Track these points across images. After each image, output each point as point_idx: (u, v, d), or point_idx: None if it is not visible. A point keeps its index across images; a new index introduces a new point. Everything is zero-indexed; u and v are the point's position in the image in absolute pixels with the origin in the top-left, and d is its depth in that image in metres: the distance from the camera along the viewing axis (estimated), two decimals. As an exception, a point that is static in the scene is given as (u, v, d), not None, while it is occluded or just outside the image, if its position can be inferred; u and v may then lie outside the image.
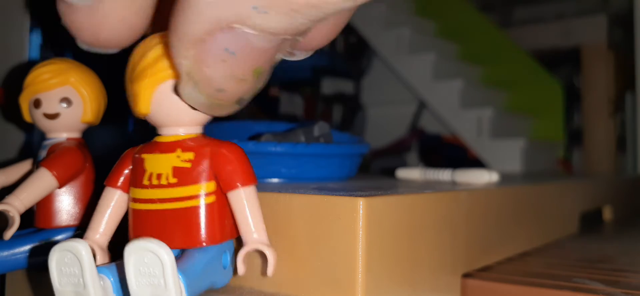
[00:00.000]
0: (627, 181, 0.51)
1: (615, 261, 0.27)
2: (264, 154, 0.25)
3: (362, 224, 0.17)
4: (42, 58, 0.32)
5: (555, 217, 0.32)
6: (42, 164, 0.22)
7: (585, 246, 0.31)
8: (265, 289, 0.19)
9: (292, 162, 0.26)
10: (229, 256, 0.18)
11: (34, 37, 0.32)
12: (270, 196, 0.19)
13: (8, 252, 0.22)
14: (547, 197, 0.31)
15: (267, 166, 0.26)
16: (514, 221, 0.27)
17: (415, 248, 0.19)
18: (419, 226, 0.20)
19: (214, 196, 0.17)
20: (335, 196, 0.18)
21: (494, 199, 0.25)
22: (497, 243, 0.25)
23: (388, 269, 0.18)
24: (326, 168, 0.27)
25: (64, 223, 0.23)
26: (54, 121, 0.23)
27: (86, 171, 0.23)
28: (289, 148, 0.25)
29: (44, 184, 0.22)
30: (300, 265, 0.18)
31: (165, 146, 0.17)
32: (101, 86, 0.24)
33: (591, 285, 0.21)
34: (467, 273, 0.23)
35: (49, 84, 0.22)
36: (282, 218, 0.19)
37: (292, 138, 0.27)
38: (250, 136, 0.31)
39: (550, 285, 0.21)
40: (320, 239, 0.18)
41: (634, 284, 0.22)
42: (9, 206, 0.20)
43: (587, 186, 0.38)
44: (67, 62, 0.23)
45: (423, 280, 0.20)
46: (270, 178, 0.26)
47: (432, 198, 0.20)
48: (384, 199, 0.18)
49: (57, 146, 0.23)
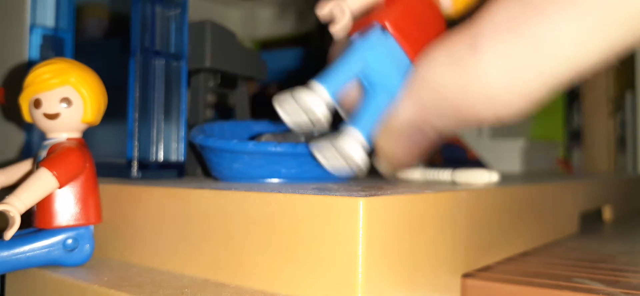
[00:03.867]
0: (627, 181, 0.51)
1: (615, 261, 0.27)
2: (264, 154, 0.25)
3: (362, 225, 0.17)
4: (42, 58, 0.32)
5: (555, 217, 0.32)
6: (43, 165, 0.22)
7: (585, 246, 0.31)
8: (265, 289, 0.19)
9: (292, 162, 0.26)
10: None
11: (34, 37, 0.32)
12: (270, 196, 0.19)
13: (8, 252, 0.22)
14: (547, 197, 0.31)
15: (267, 166, 0.26)
16: (514, 221, 0.27)
17: (415, 248, 0.19)
18: (419, 226, 0.20)
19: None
20: (335, 196, 0.18)
21: (494, 199, 0.25)
22: (497, 243, 0.25)
23: (388, 269, 0.18)
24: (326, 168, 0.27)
25: (64, 223, 0.23)
26: (54, 121, 0.23)
27: (86, 171, 0.23)
28: (289, 148, 0.25)
29: (44, 185, 0.22)
30: (300, 265, 0.18)
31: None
32: (101, 86, 0.24)
33: (591, 284, 0.21)
34: (467, 273, 0.23)
35: (49, 84, 0.22)
36: (282, 218, 0.19)
37: (292, 138, 0.27)
38: (250, 136, 0.31)
39: (550, 285, 0.21)
40: (320, 239, 0.18)
41: (634, 284, 0.22)
42: (9, 206, 0.20)
43: (587, 186, 0.39)
44: (67, 63, 0.23)
45: (423, 279, 0.20)
46: (270, 177, 0.26)
47: (432, 198, 0.20)
48: (383, 200, 0.18)
49: (57, 146, 0.23)
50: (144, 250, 0.24)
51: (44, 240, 0.23)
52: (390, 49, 0.21)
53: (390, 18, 0.21)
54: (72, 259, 0.23)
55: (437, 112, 0.20)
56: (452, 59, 0.19)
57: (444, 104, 0.19)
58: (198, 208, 0.21)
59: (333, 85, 0.20)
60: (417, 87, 0.20)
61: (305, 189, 0.20)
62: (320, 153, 0.21)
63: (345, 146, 0.20)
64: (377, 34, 0.21)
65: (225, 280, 0.21)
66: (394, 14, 0.21)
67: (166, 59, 0.30)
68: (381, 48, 0.21)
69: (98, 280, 0.21)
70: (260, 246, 0.19)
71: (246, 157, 0.26)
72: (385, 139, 0.21)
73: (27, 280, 0.24)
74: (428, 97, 0.20)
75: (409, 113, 0.20)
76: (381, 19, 0.21)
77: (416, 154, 0.22)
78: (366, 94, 0.21)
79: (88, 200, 0.23)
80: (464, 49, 0.18)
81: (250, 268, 0.20)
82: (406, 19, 0.21)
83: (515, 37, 0.17)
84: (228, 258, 0.20)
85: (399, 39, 0.21)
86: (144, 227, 0.24)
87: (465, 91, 0.18)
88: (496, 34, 0.18)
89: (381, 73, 0.21)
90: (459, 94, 0.19)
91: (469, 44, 0.18)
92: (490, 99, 0.18)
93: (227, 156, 0.26)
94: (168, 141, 0.30)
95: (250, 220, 0.20)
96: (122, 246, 0.25)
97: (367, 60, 0.21)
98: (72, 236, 0.23)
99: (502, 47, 0.17)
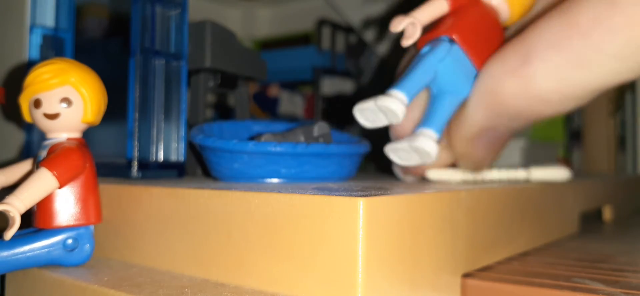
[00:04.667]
0: (627, 181, 0.51)
1: (615, 260, 0.27)
2: (264, 154, 0.25)
3: (362, 225, 0.17)
4: (42, 58, 0.32)
5: (555, 217, 0.32)
6: (43, 164, 0.22)
7: (585, 245, 0.31)
8: (265, 289, 0.19)
9: (292, 162, 0.26)
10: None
11: (34, 37, 0.32)
12: (270, 196, 0.19)
13: (8, 252, 0.22)
14: (547, 197, 0.31)
15: (266, 165, 0.26)
16: (514, 221, 0.27)
17: (415, 248, 0.19)
18: (419, 226, 0.20)
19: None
20: (335, 196, 0.18)
21: (494, 199, 0.25)
22: (497, 242, 0.25)
23: (388, 269, 0.18)
24: (326, 168, 0.27)
25: (64, 223, 0.23)
26: (54, 121, 0.23)
27: (86, 171, 0.23)
28: (289, 148, 0.25)
29: (44, 185, 0.22)
30: (300, 265, 0.18)
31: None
32: (101, 86, 0.24)
33: (591, 284, 0.21)
34: (467, 272, 0.23)
35: (49, 84, 0.22)
36: (282, 218, 0.19)
37: (292, 138, 0.27)
38: (249, 136, 0.31)
39: (550, 285, 0.21)
40: (320, 239, 0.18)
41: (634, 284, 0.22)
42: (9, 206, 0.20)
43: (587, 186, 0.39)
44: (67, 62, 0.23)
45: (423, 279, 0.20)
46: (270, 177, 0.26)
47: (432, 198, 0.20)
48: (383, 200, 0.18)
49: (57, 146, 0.23)
50: (144, 250, 0.24)
51: (44, 240, 0.23)
52: (458, 58, 0.24)
53: (458, 31, 0.24)
54: (72, 259, 0.23)
55: (502, 116, 0.23)
56: (507, 69, 0.22)
57: (506, 109, 0.22)
58: (198, 208, 0.21)
59: (410, 92, 0.23)
60: (482, 95, 0.23)
61: (305, 189, 0.20)
62: (395, 153, 0.25)
63: (425, 146, 0.23)
64: (446, 45, 0.24)
65: (225, 279, 0.21)
66: (460, 27, 0.24)
67: (166, 59, 0.30)
68: (450, 59, 0.23)
69: (98, 280, 0.21)
70: (260, 246, 0.19)
71: (246, 157, 0.26)
72: (465, 144, 0.24)
73: (27, 279, 0.24)
74: (492, 102, 0.23)
75: (480, 118, 0.23)
76: (450, 33, 0.24)
77: (494, 153, 0.25)
78: (435, 99, 0.24)
79: (88, 200, 0.23)
80: (518, 61, 0.22)
81: (250, 267, 0.20)
82: (471, 30, 0.24)
83: (562, 54, 0.20)
84: (228, 257, 0.20)
85: (466, 49, 0.24)
86: (144, 227, 0.24)
87: (522, 96, 0.22)
88: (546, 51, 0.21)
89: (450, 81, 0.24)
90: (517, 100, 0.22)
91: (523, 57, 0.21)
92: (545, 102, 0.21)
93: (227, 156, 0.26)
94: (168, 141, 0.30)
95: (250, 220, 0.20)
96: (122, 246, 0.25)
97: (437, 70, 0.23)
98: (72, 236, 0.23)
99: (551, 62, 0.21)
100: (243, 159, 0.26)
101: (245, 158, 0.26)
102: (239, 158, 0.26)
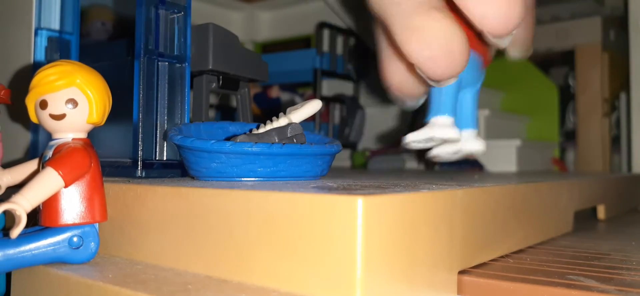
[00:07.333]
0: (620, 180, 0.51)
1: (608, 258, 0.27)
2: (242, 154, 0.26)
3: (361, 223, 0.17)
4: (48, 60, 0.32)
5: (550, 215, 0.33)
6: (49, 164, 0.22)
7: (580, 243, 0.31)
8: (266, 285, 0.20)
9: (268, 162, 0.26)
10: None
11: (39, 39, 0.32)
12: (270, 195, 0.20)
13: (15, 250, 0.22)
14: (542, 196, 0.32)
15: (243, 165, 0.26)
16: (510, 219, 0.27)
17: (412, 246, 0.20)
18: (416, 224, 0.20)
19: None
20: (334, 195, 0.18)
21: (490, 198, 0.25)
22: (493, 240, 0.26)
23: (386, 267, 0.18)
24: (299, 167, 0.27)
25: (69, 221, 0.23)
26: (60, 122, 0.23)
27: (92, 171, 0.24)
28: (265, 148, 0.26)
29: (50, 184, 0.22)
30: (300, 262, 0.19)
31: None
32: (106, 87, 0.24)
33: (585, 282, 0.22)
34: (463, 270, 0.23)
35: (55, 86, 0.23)
36: (283, 216, 0.19)
37: (267, 139, 0.27)
38: (225, 136, 0.31)
39: (545, 282, 0.21)
40: (320, 237, 0.18)
41: (628, 281, 0.22)
42: (16, 205, 0.21)
43: (582, 185, 0.39)
44: (73, 64, 0.23)
45: (420, 276, 0.20)
46: (247, 177, 0.26)
47: (430, 197, 0.21)
48: (382, 198, 0.18)
49: (63, 146, 0.23)
50: (148, 248, 0.24)
51: (50, 238, 0.23)
52: (472, 60, 0.25)
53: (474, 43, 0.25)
54: (77, 256, 0.24)
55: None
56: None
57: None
58: (201, 207, 0.22)
59: (452, 111, 0.25)
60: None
61: (305, 188, 0.21)
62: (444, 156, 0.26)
63: (444, 135, 0.24)
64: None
65: (227, 276, 0.21)
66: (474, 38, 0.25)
67: (169, 61, 0.30)
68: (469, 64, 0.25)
69: (103, 277, 0.21)
70: (261, 243, 0.20)
71: (223, 156, 0.26)
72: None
73: (33, 277, 0.24)
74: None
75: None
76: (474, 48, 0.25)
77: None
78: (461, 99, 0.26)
79: (93, 199, 0.24)
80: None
81: (252, 265, 0.20)
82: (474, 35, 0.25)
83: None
84: (230, 255, 0.21)
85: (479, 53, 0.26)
86: (148, 225, 0.24)
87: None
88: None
89: (466, 76, 0.25)
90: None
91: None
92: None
93: (206, 155, 0.26)
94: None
95: (252, 218, 0.20)
96: (127, 244, 0.25)
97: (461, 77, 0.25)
98: (78, 234, 0.24)
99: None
100: (221, 158, 0.26)
101: (223, 157, 0.26)
102: (217, 157, 0.26)
